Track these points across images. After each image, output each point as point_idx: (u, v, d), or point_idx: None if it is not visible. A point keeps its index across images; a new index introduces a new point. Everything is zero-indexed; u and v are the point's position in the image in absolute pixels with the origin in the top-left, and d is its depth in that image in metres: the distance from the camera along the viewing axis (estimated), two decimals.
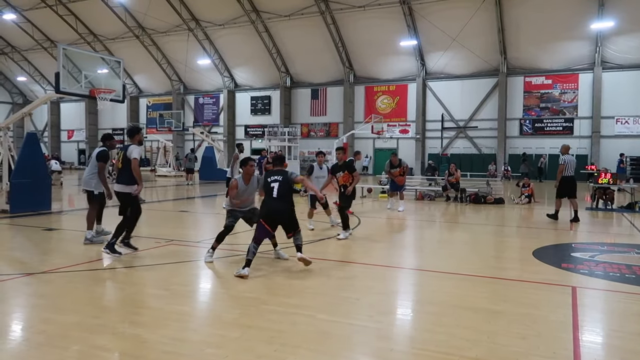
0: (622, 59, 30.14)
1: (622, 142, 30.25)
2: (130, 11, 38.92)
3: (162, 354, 3.72)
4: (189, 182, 24.26)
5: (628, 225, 11.15)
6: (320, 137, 39.54)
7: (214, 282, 6.19)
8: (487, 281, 6.02)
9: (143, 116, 47.33)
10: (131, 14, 39.25)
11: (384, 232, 10.40)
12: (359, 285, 5.75)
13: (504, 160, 32.44)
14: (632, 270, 6.48)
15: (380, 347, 3.92)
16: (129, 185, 7.05)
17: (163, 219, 11.92)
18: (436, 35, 31.73)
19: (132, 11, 38.86)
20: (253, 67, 40.50)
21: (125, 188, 7.05)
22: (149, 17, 37.25)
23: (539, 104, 32.74)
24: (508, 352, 3.76)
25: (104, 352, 3.75)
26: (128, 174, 7.01)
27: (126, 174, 7.02)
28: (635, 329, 4.35)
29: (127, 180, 7.03)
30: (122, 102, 14.20)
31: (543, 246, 8.16)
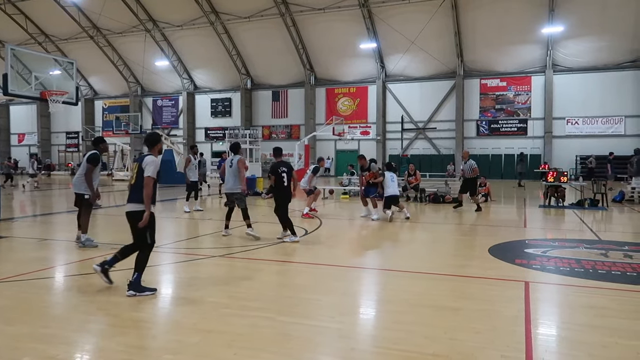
0: (572, 62, 31.47)
1: (572, 142, 31.56)
2: (84, 11, 37.81)
3: None
4: None
5: (578, 222, 11.62)
6: (282, 139, 39.45)
7: (172, 287, 6.08)
8: (446, 279, 6.16)
9: (99, 119, 46.06)
10: (85, 14, 38.14)
11: (346, 233, 10.48)
12: (320, 287, 5.76)
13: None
14: (580, 264, 6.75)
15: (341, 347, 3.94)
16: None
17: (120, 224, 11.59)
18: (395, 38, 32.24)
19: (85, 11, 37.76)
20: (213, 68, 40.05)
21: (138, 207, 5.39)
22: (104, 17, 36.28)
23: (494, 106, 33.75)
24: (465, 347, 3.85)
25: None
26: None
27: (141, 190, 5.38)
28: (583, 321, 4.54)
29: (141, 198, 5.38)
30: (76, 104, 13.80)
31: (498, 243, 8.40)
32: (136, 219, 5.37)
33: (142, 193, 5.33)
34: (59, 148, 48.45)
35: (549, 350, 3.87)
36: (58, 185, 27.79)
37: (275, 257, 7.41)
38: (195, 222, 12.02)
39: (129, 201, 5.50)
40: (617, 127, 31.04)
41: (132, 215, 5.44)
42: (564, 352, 3.86)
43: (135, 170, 5.53)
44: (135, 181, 5.46)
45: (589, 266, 6.63)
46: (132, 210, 5.44)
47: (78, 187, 8.10)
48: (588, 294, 5.39)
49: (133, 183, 5.50)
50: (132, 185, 5.50)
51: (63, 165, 46.51)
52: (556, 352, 3.87)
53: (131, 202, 5.48)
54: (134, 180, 5.49)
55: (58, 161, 47.84)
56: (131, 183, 5.55)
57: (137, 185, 5.43)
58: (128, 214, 5.48)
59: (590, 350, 3.83)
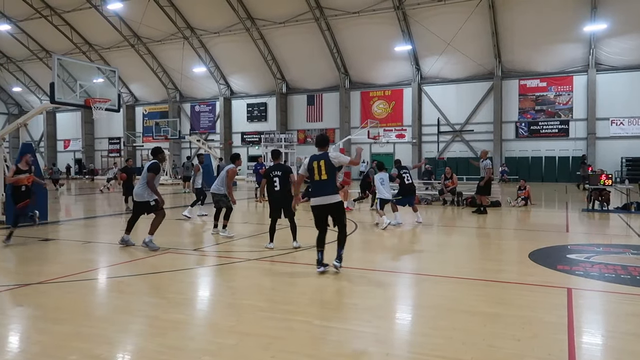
0: (616, 61, 30.36)
1: (617, 143, 30.42)
2: (125, 20, 39.05)
3: None
4: (186, 190, 24.22)
5: (623, 226, 11.19)
6: None
7: (210, 290, 6.20)
8: (484, 284, 6.04)
9: (139, 125, 47.40)
10: (126, 23, 39.37)
11: (382, 237, 10.42)
12: (356, 291, 5.76)
13: (500, 163, 32.51)
14: (627, 270, 6.50)
15: (376, 352, 3.93)
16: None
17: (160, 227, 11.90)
18: (430, 39, 31.90)
19: (127, 20, 38.98)
20: (248, 74, 40.62)
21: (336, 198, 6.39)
22: (144, 26, 37.36)
23: (534, 107, 32.91)
24: (503, 355, 3.77)
25: None
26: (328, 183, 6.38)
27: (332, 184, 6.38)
28: (629, 329, 4.37)
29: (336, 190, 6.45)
30: (118, 111, 14.21)
31: (539, 248, 8.18)
32: (339, 208, 6.38)
33: (334, 186, 6.34)
34: (102, 153, 50.09)
35: (593, 359, 3.74)
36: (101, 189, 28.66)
37: (312, 261, 7.44)
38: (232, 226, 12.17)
39: (324, 194, 6.28)
40: None
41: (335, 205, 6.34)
42: None
43: (323, 167, 6.29)
44: (328, 177, 6.29)
45: (636, 273, 6.37)
46: (335, 202, 6.32)
47: (140, 196, 8.39)
48: (634, 302, 5.19)
49: (326, 179, 6.29)
50: (325, 181, 6.29)
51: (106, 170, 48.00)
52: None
53: (327, 194, 6.28)
54: (326, 176, 6.28)
55: (101, 166, 49.44)
56: (322, 179, 6.30)
57: (329, 180, 6.30)
58: (332, 205, 6.32)
59: (635, 359, 3.69)
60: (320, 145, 6.55)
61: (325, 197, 6.31)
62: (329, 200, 6.31)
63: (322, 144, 6.55)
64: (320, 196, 6.34)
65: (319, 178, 6.32)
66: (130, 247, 8.42)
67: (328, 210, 6.39)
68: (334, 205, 6.35)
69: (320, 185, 6.34)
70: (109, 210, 16.05)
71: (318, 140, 6.62)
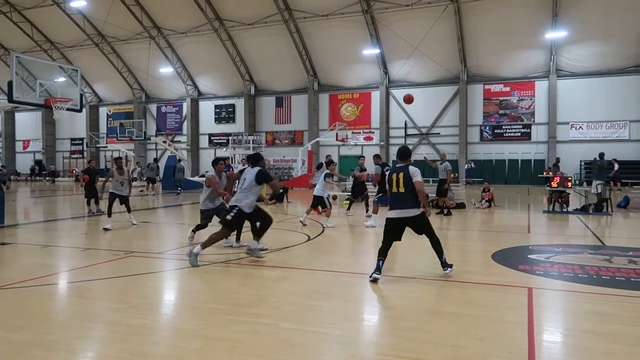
0: (575, 67, 31.44)
1: (577, 147, 31.45)
2: (89, 18, 38.14)
3: None
4: (151, 192, 23.78)
5: (582, 227, 11.58)
6: (285, 144, 39.56)
7: (174, 293, 6.09)
8: (448, 284, 6.13)
9: (103, 125, 46.32)
10: (90, 22, 38.46)
11: (348, 239, 10.46)
12: (322, 293, 5.75)
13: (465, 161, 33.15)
14: (584, 270, 6.72)
15: (341, 354, 3.93)
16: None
17: (123, 230, 11.66)
18: (398, 43, 32.31)
19: (90, 18, 38.08)
20: (216, 75, 40.25)
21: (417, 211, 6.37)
22: (109, 25, 36.55)
23: (498, 111, 33.73)
24: (466, 354, 3.83)
25: None
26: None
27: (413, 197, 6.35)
28: (587, 327, 4.50)
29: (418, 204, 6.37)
30: (80, 111, 13.90)
31: (502, 249, 8.37)
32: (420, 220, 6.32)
33: (413, 199, 6.26)
34: (64, 154, 48.71)
35: (552, 357, 3.84)
36: (62, 191, 27.88)
37: (277, 264, 7.41)
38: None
39: (402, 207, 6.29)
40: (622, 131, 30.95)
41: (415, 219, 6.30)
42: (567, 358, 3.84)
43: (402, 180, 6.28)
44: (406, 190, 6.26)
45: (592, 272, 6.59)
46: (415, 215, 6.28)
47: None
48: (592, 300, 5.36)
49: (403, 192, 6.28)
50: (402, 194, 6.29)
51: (67, 172, 46.71)
52: (559, 358, 3.84)
53: (405, 208, 6.28)
54: (404, 189, 6.27)
55: (63, 167, 48.06)
56: (400, 191, 6.30)
57: (406, 193, 6.27)
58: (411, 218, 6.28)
59: (593, 356, 3.81)
60: (401, 158, 6.65)
61: (403, 211, 6.32)
62: (407, 214, 6.30)
63: (404, 157, 6.64)
64: (397, 209, 6.36)
65: (397, 190, 6.34)
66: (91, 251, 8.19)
67: (406, 223, 6.38)
68: (413, 219, 6.33)
69: (398, 198, 6.36)
70: (70, 214, 15.60)
71: (399, 153, 6.72)
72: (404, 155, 6.65)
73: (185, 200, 20.16)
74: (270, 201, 17.93)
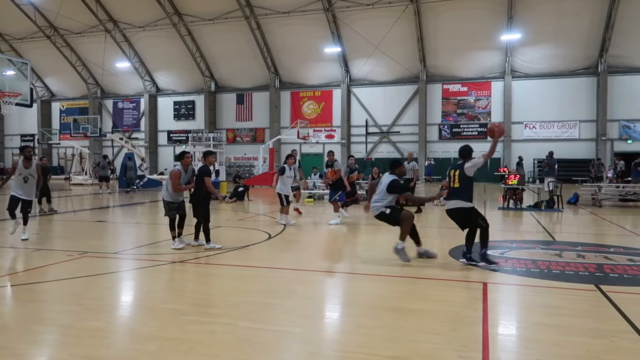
0: (529, 69, 32.52)
1: (530, 145, 32.54)
2: (40, 10, 36.66)
3: None
4: (107, 191, 23.09)
5: (534, 223, 11.99)
6: (246, 142, 39.23)
7: (130, 294, 5.93)
8: (407, 281, 6.22)
9: (56, 121, 44.67)
10: (41, 13, 36.98)
11: (310, 237, 10.47)
12: (282, 291, 5.73)
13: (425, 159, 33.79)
14: (536, 265, 6.96)
15: (301, 351, 3.93)
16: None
17: (77, 230, 11.29)
18: (359, 42, 32.55)
19: (42, 10, 36.61)
20: (176, 71, 39.47)
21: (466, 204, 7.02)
22: (62, 17, 35.22)
23: (456, 110, 34.49)
24: (424, 349, 3.90)
25: None
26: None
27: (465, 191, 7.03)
28: (539, 320, 4.67)
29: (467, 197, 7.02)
30: (30, 106, 13.37)
31: (458, 245, 8.52)
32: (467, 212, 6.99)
33: (465, 194, 6.96)
34: (13, 151, 46.68)
35: (505, 349, 3.96)
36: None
37: (237, 262, 7.34)
38: (157, 227, 11.77)
39: (453, 199, 7.00)
40: (572, 131, 32.23)
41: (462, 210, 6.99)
42: (519, 350, 3.97)
43: (457, 177, 6.98)
44: (460, 185, 6.94)
45: (544, 266, 6.83)
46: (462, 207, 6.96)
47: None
48: (543, 294, 5.55)
49: (457, 186, 6.97)
50: (457, 188, 6.97)
51: None
52: (511, 351, 3.96)
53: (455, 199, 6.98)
54: (458, 184, 6.96)
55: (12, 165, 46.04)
56: (454, 186, 7.00)
57: (460, 188, 6.95)
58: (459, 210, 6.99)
59: (543, 348, 3.94)
60: (461, 156, 7.21)
61: (453, 202, 7.03)
62: (456, 205, 7.00)
63: (464, 156, 7.19)
64: (451, 200, 7.08)
65: (452, 185, 7.05)
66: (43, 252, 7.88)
67: (457, 214, 7.06)
68: (460, 210, 7.00)
69: (453, 192, 7.07)
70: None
71: (460, 151, 7.26)
72: (464, 154, 7.19)
73: (143, 199, 19.69)
74: (230, 199, 17.74)
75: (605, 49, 30.19)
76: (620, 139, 31.49)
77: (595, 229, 11.57)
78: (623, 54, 30.25)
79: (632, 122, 31.18)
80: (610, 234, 10.57)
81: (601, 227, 11.64)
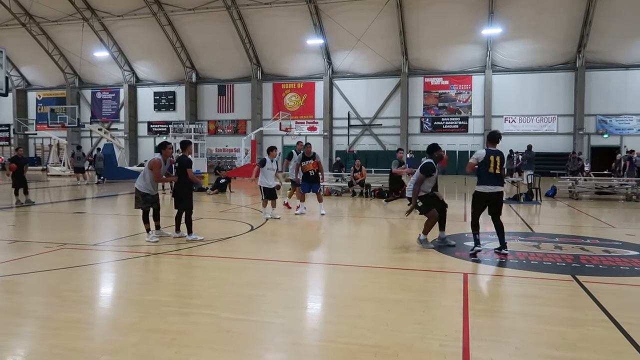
0: (509, 63, 32.88)
1: (510, 139, 32.90)
2: None
3: None
4: (85, 182, 22.73)
5: (513, 215, 12.18)
6: (228, 134, 38.96)
7: (112, 286, 5.87)
8: (389, 272, 6.28)
9: (32, 111, 43.72)
10: (16, 0, 35.98)
11: (293, 228, 10.47)
12: (265, 282, 5.74)
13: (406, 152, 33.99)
14: (515, 256, 7.08)
15: (283, 342, 3.95)
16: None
17: (56, 222, 11.10)
18: (342, 34, 32.49)
19: None
20: (156, 61, 38.91)
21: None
22: (37, 4, 34.37)
23: (437, 103, 34.74)
24: (405, 338, 3.95)
25: None
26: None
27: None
28: (516, 309, 4.76)
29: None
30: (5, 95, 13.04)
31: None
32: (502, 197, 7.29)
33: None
34: None
35: (484, 338, 4.03)
36: None
37: (219, 254, 7.32)
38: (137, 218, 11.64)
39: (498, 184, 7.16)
40: (550, 125, 32.75)
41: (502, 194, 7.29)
42: (498, 339, 4.04)
43: (499, 162, 7.11)
44: (500, 171, 7.13)
45: (522, 257, 6.96)
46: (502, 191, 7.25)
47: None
48: (521, 284, 5.66)
49: (499, 172, 7.12)
50: (499, 174, 7.14)
51: None
52: (491, 339, 4.03)
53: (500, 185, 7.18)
54: (499, 170, 7.11)
55: None
56: (496, 172, 7.10)
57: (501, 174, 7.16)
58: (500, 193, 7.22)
59: (522, 336, 4.03)
60: (493, 141, 7.31)
61: (498, 187, 7.17)
62: (500, 189, 7.21)
63: (496, 140, 7.31)
64: (494, 185, 7.14)
65: (493, 171, 7.09)
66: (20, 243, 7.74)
67: (495, 197, 7.20)
68: (501, 194, 7.26)
69: (495, 177, 7.13)
70: None
71: (492, 137, 7.36)
72: (496, 139, 7.31)
73: (121, 190, 19.44)
74: (212, 191, 17.63)
75: (583, 44, 30.68)
76: (597, 133, 32.12)
77: (572, 221, 11.80)
78: (600, 50, 30.79)
79: (609, 117, 31.82)
80: (587, 225, 10.80)
81: (578, 219, 11.89)
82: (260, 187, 11.17)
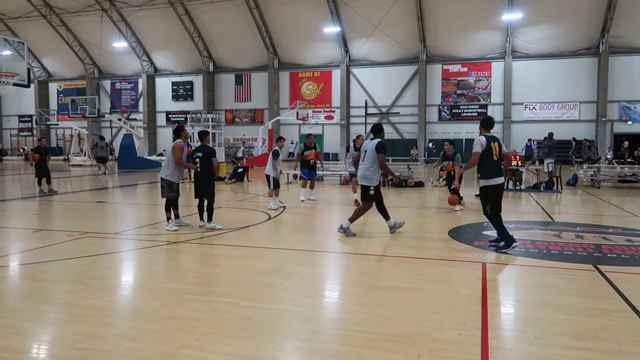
0: (530, 49, 32.25)
1: (530, 126, 32.46)
2: None
3: (75, 351, 3.55)
4: (104, 172, 23.06)
5: (533, 204, 12.03)
6: (245, 123, 39.09)
7: (132, 274, 5.98)
8: (407, 261, 6.27)
9: (54, 102, 44.42)
10: None
11: (309, 217, 10.50)
12: (283, 271, 5.78)
13: (424, 144, 33.73)
14: (535, 245, 7.01)
15: (302, 330, 3.98)
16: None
17: (78, 211, 11.31)
18: (359, 22, 32.20)
19: None
20: (173, 51, 39.12)
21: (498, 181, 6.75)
22: None
23: (456, 91, 34.31)
24: (423, 327, 3.95)
25: (9, 354, 3.51)
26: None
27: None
28: (536, 299, 4.72)
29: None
30: (28, 86, 13.28)
31: (458, 226, 8.61)
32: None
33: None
34: (11, 132, 46.55)
35: (503, 327, 4.01)
36: (11, 170, 26.72)
37: (238, 243, 7.38)
38: (157, 207, 11.80)
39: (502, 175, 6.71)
40: (572, 112, 32.13)
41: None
42: (517, 329, 4.01)
43: (499, 149, 6.63)
44: (500, 158, 6.65)
45: (542, 247, 6.88)
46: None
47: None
48: (541, 274, 5.60)
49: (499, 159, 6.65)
50: (500, 161, 6.67)
51: (16, 150, 44.70)
52: (510, 329, 4.01)
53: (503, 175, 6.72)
54: (498, 157, 6.63)
55: (10, 146, 45.97)
56: (497, 160, 6.62)
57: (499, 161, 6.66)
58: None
59: (541, 326, 3.99)
60: (490, 127, 6.90)
61: (502, 177, 6.73)
62: (502, 180, 6.79)
63: (491, 126, 6.93)
64: (501, 175, 6.68)
65: (497, 158, 6.64)
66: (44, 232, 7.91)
67: (502, 188, 6.79)
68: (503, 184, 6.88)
69: (499, 166, 6.69)
70: (20, 194, 14.99)
71: (488, 122, 6.92)
72: (491, 124, 6.93)
73: (140, 179, 19.69)
74: (230, 180, 17.75)
75: (607, 29, 29.92)
76: (621, 120, 31.43)
77: (593, 209, 11.61)
78: (624, 34, 30.00)
79: (633, 103, 31.08)
80: (609, 214, 10.62)
81: (600, 208, 11.69)
82: (270, 176, 11.04)
